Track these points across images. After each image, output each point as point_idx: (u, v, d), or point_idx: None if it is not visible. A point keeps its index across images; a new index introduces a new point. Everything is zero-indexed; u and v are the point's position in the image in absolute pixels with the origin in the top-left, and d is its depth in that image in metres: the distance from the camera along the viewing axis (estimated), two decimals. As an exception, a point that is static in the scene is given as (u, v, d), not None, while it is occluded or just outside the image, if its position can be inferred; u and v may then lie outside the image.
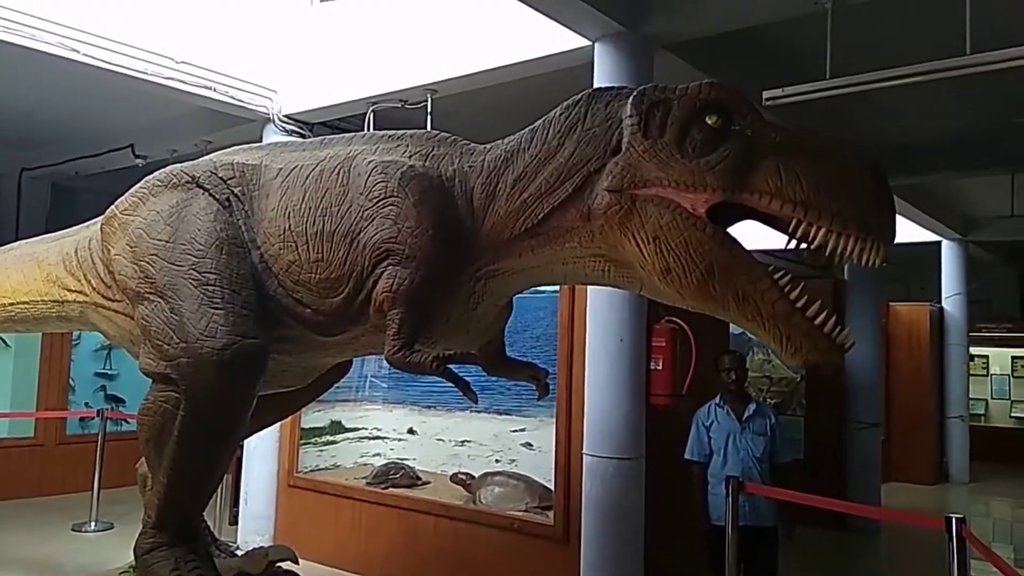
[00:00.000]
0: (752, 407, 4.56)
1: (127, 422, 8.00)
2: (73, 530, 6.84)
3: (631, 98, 2.42)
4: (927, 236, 11.58)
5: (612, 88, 2.57)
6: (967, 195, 10.35)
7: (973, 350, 13.58)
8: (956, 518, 3.37)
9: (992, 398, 14.78)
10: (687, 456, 4.60)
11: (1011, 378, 14.68)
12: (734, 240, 2.29)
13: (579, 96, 2.59)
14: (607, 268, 2.57)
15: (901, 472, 10.80)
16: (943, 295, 11.88)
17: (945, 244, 11.83)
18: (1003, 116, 6.96)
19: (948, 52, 4.08)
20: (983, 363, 14.77)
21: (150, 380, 3.13)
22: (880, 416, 8.89)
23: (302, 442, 6.34)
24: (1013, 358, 14.67)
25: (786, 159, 2.21)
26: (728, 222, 2.36)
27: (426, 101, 5.98)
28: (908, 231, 11.20)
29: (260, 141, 6.21)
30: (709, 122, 2.27)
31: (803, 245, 2.26)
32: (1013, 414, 14.48)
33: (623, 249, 2.42)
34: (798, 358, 2.26)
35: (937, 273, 12.04)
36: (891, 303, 11.36)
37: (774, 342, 2.28)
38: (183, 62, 6.01)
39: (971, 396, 12.98)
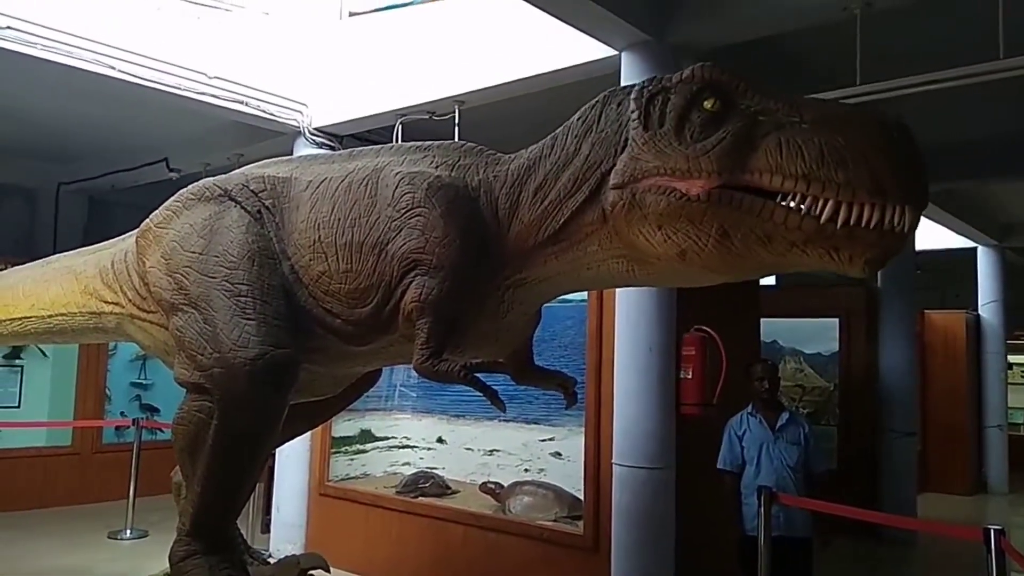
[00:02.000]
0: (785, 416, 4.52)
1: (162, 431, 8.13)
2: (109, 538, 6.96)
3: (631, 93, 2.40)
4: (962, 242, 11.40)
5: (625, 88, 2.52)
6: (1003, 200, 10.16)
7: (1012, 358, 13.30)
8: (995, 529, 3.31)
9: (1031, 407, 14.45)
10: (719, 466, 4.56)
11: (1051, 387, 14.36)
12: (732, 192, 2.14)
13: (595, 99, 2.58)
14: (631, 267, 2.54)
15: (938, 482, 10.58)
16: (979, 302, 11.65)
17: (981, 250, 11.61)
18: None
19: (980, 56, 4.02)
20: (1021, 372, 14.45)
21: (184, 390, 3.18)
22: (915, 425, 8.74)
23: (333, 451, 6.39)
24: (1053, 366, 14.38)
25: (789, 132, 2.06)
26: None
27: (454, 112, 6.02)
28: (943, 237, 11.04)
29: (291, 154, 6.31)
30: (707, 106, 2.18)
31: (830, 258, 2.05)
32: (1053, 423, 14.16)
33: (637, 244, 2.37)
34: (858, 264, 2.05)
35: (973, 280, 11.82)
36: (926, 311, 11.18)
37: (826, 262, 2.10)
38: (216, 77, 6.12)
39: (1010, 405, 12.71)
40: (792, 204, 2.05)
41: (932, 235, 10.68)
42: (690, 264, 2.31)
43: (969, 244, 11.50)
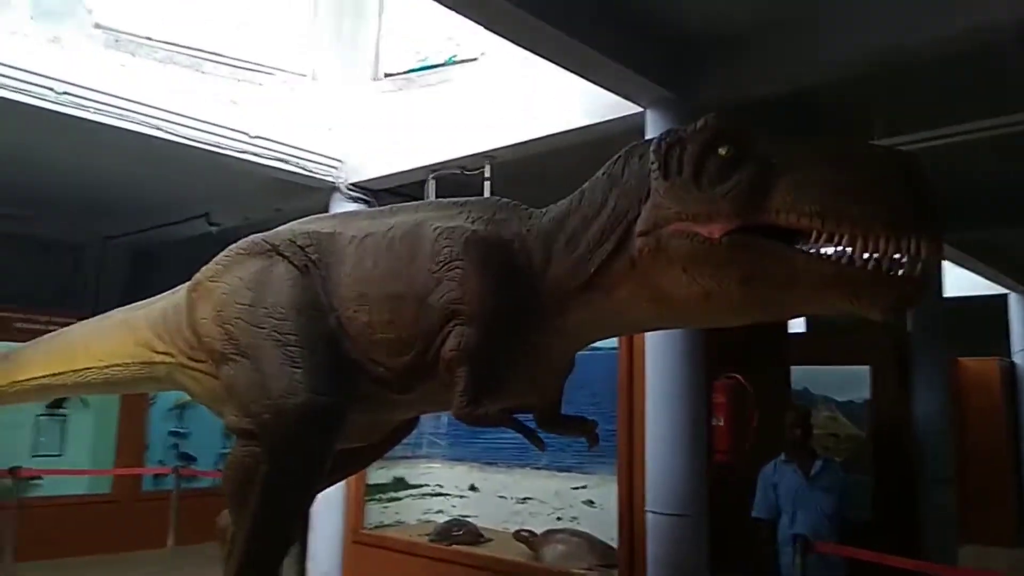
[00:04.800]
0: (819, 463, 4.54)
1: (198, 479, 8.27)
2: (148, 585, 7.06)
3: (652, 146, 2.50)
4: (994, 289, 11.33)
5: (646, 141, 2.63)
6: (1034, 247, 10.12)
7: (1051, 406, 13.03)
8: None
9: (1075, 456, 14.06)
10: (754, 514, 4.58)
11: (1093, 435, 13.97)
12: (755, 238, 2.18)
13: (618, 154, 2.71)
14: (660, 311, 2.62)
15: (979, 533, 10.32)
16: (1012, 349, 11.52)
17: (1013, 297, 11.52)
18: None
19: (997, 110, 4.13)
20: (1061, 419, 14.11)
21: (228, 437, 3.31)
22: (953, 472, 8.60)
23: (367, 498, 6.46)
24: (1094, 414, 14.00)
25: (803, 172, 2.10)
26: None
27: (484, 168, 6.22)
28: (974, 284, 10.98)
29: (327, 209, 6.55)
30: (722, 152, 2.26)
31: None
32: (1098, 473, 13.74)
33: (664, 287, 2.45)
34: (878, 308, 2.06)
35: (1005, 326, 11.70)
36: (960, 358, 11.07)
37: (847, 305, 2.12)
38: (257, 136, 6.40)
39: (1049, 454, 12.43)
40: (812, 247, 2.10)
41: (963, 282, 10.64)
42: (715, 305, 2.39)
43: (999, 290, 11.41)
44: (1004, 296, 11.55)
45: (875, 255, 2.00)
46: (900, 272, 2.00)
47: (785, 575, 4.34)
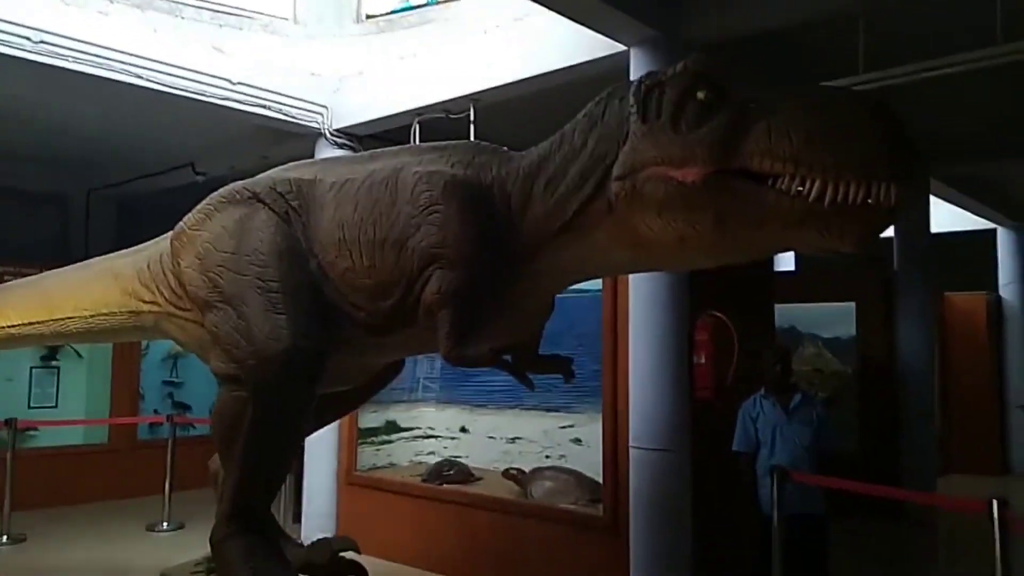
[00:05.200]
0: (798, 397, 4.63)
1: (194, 427, 8.40)
2: (147, 531, 7.21)
3: (631, 88, 2.52)
4: (981, 224, 11.38)
5: (627, 84, 2.64)
6: (1019, 181, 10.13)
7: (1036, 339, 13.23)
8: (998, 501, 3.41)
9: (1057, 388, 14.34)
10: (735, 448, 4.68)
11: (1077, 367, 14.22)
12: (728, 178, 2.23)
13: (600, 96, 2.71)
14: (637, 254, 2.67)
15: (962, 464, 10.61)
16: (1000, 283, 11.63)
17: (1000, 231, 11.58)
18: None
19: (981, 42, 4.11)
20: (1046, 352, 14.33)
21: (218, 383, 3.38)
22: (934, 406, 8.79)
23: (360, 442, 6.59)
24: (1078, 346, 14.21)
25: (779, 118, 2.13)
26: None
27: (469, 110, 6.17)
28: (961, 219, 11.03)
29: (313, 155, 6.51)
30: (700, 97, 2.28)
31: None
32: (1080, 404, 14.03)
33: (640, 231, 2.49)
34: (848, 241, 2.13)
35: (993, 261, 11.79)
36: (947, 293, 11.19)
37: (819, 240, 2.18)
38: (239, 83, 6.32)
39: (1035, 385, 12.67)
40: (783, 186, 2.14)
41: (950, 217, 10.68)
42: (690, 248, 2.45)
43: (989, 225, 11.47)
44: (992, 231, 11.61)
45: (846, 196, 2.04)
46: (869, 205, 2.04)
47: (764, 505, 4.47)
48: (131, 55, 5.81)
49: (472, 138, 5.83)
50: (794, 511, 4.31)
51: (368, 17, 6.72)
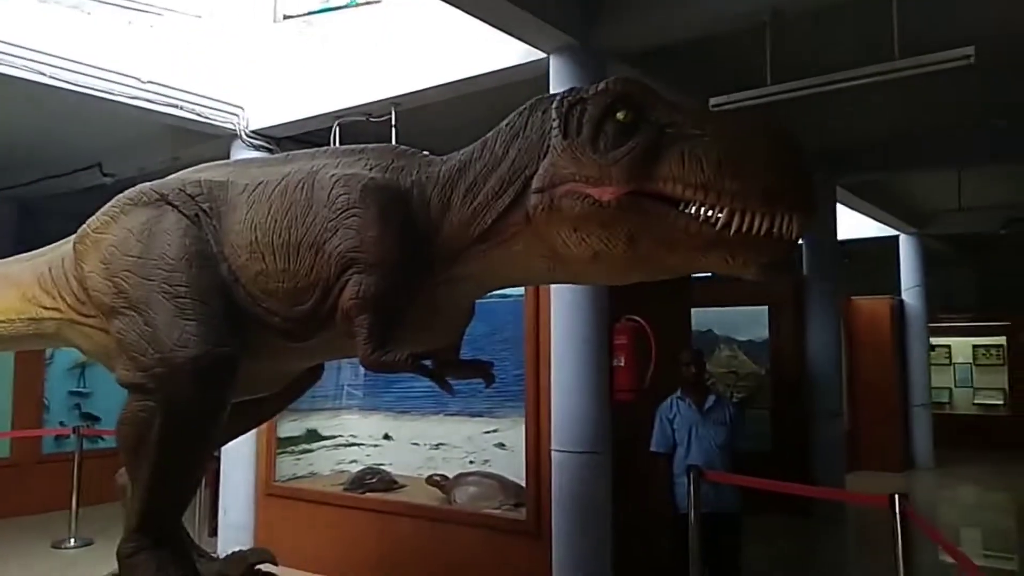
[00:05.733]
0: (712, 398, 4.77)
1: (103, 439, 8.06)
2: (53, 547, 6.89)
3: (553, 103, 2.54)
4: (885, 231, 11.95)
5: (552, 96, 2.65)
6: (919, 191, 10.71)
7: (936, 340, 13.98)
8: (899, 496, 3.58)
9: (956, 387, 15.17)
10: (652, 448, 4.78)
11: (973, 367, 15.09)
12: (642, 199, 2.28)
13: (523, 106, 2.73)
14: (553, 265, 2.68)
15: (869, 461, 11.11)
16: (903, 287, 12.23)
17: (902, 238, 12.20)
18: (941, 115, 7.27)
19: (880, 57, 4.33)
20: (946, 353, 15.17)
21: (126, 391, 3.24)
22: (842, 406, 9.17)
23: (279, 451, 6.44)
24: (974, 347, 15.08)
25: (692, 144, 2.21)
26: None
27: (390, 114, 6.13)
28: (866, 226, 11.57)
29: (228, 157, 6.35)
30: (619, 117, 2.33)
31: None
32: (976, 401, 14.89)
33: (556, 245, 2.52)
34: (751, 268, 2.21)
35: (896, 267, 12.39)
36: (853, 297, 11.70)
37: (724, 267, 2.25)
38: (149, 81, 6.11)
39: (936, 385, 13.37)
40: (693, 212, 2.21)
41: (857, 225, 11.19)
42: (603, 264, 2.48)
43: (891, 232, 12.05)
44: (895, 237, 12.20)
45: (751, 225, 2.13)
46: (772, 233, 2.13)
47: (680, 504, 4.58)
48: (34, 51, 5.56)
49: (394, 142, 5.80)
50: (709, 509, 4.44)
51: (286, 17, 6.59)
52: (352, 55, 6.23)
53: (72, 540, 6.92)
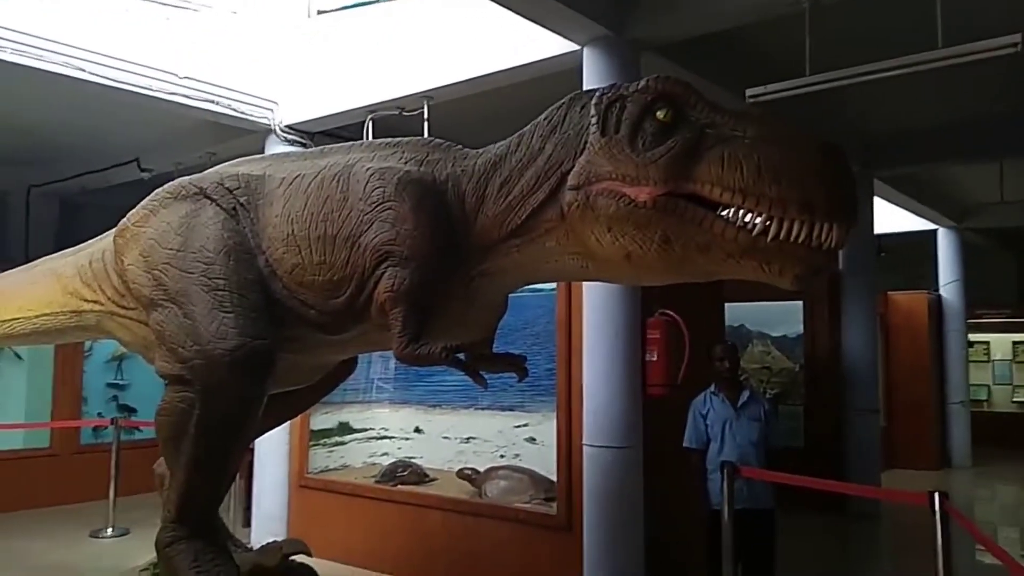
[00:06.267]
0: (746, 394, 4.71)
1: (140, 430, 8.19)
2: (91, 536, 7.00)
3: (592, 99, 2.53)
4: (923, 224, 11.73)
5: (592, 91, 2.65)
6: (959, 183, 10.49)
7: (974, 336, 13.70)
8: (939, 493, 3.52)
9: (994, 384, 14.86)
10: (685, 444, 4.74)
11: (1012, 363, 14.77)
12: (678, 201, 2.28)
13: (562, 100, 2.72)
14: (585, 264, 2.68)
15: (904, 458, 10.92)
16: (940, 282, 12.00)
17: (941, 232, 11.96)
18: (984, 105, 7.10)
19: (922, 45, 4.23)
20: (984, 349, 14.86)
21: (165, 383, 3.30)
22: (878, 403, 9.03)
23: (312, 444, 6.50)
24: (1014, 343, 14.76)
25: (732, 147, 2.19)
26: None
27: (423, 108, 6.14)
28: (903, 220, 11.35)
29: (263, 151, 6.40)
30: (659, 116, 2.32)
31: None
32: (1015, 399, 14.58)
33: (589, 243, 2.52)
34: (787, 277, 2.19)
35: (934, 261, 12.16)
36: (889, 292, 11.50)
37: (758, 274, 2.24)
38: (186, 77, 6.18)
39: (974, 382, 13.10)
40: (730, 216, 2.20)
41: (894, 218, 10.99)
42: (635, 266, 2.47)
43: (930, 226, 11.82)
44: (933, 231, 11.97)
45: (789, 233, 2.10)
46: (811, 242, 2.10)
47: (713, 500, 4.53)
48: (73, 47, 5.65)
49: (426, 135, 5.80)
50: (743, 505, 4.39)
51: (320, 12, 6.62)
52: (385, 49, 6.23)
53: (110, 529, 7.03)
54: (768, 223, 2.13)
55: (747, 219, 2.16)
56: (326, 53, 6.60)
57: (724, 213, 2.21)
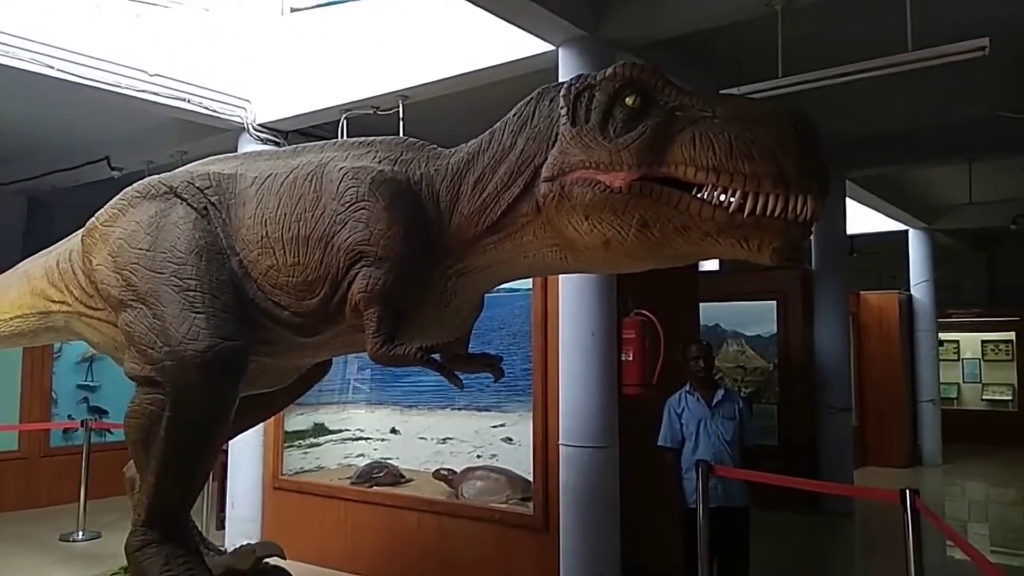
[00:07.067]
0: (720, 393, 4.73)
1: (111, 432, 8.08)
2: (61, 540, 6.90)
3: (561, 90, 2.53)
4: (894, 226, 11.88)
5: (558, 84, 2.66)
6: (930, 185, 10.63)
7: (944, 335, 13.89)
8: (911, 491, 3.56)
9: (964, 382, 15.08)
10: (660, 443, 4.75)
11: (981, 362, 15.00)
12: (653, 185, 2.28)
13: (530, 96, 2.71)
14: (564, 256, 2.67)
15: (876, 456, 11.07)
16: (911, 283, 12.16)
17: (912, 233, 12.12)
18: (953, 107, 7.20)
19: (893, 49, 4.28)
20: (954, 348, 15.07)
21: (135, 384, 3.24)
22: (850, 401, 9.13)
23: (286, 445, 6.45)
24: (983, 342, 14.98)
25: (703, 127, 2.19)
26: None
27: (398, 107, 6.11)
28: (875, 221, 11.50)
29: (235, 150, 6.33)
30: (628, 102, 2.31)
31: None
32: (984, 397, 14.81)
33: (567, 234, 2.51)
34: (765, 252, 2.19)
35: (905, 261, 12.32)
36: (861, 292, 11.64)
37: (738, 251, 2.25)
38: (157, 75, 6.10)
39: (944, 380, 13.28)
40: (705, 195, 2.20)
41: (866, 219, 11.12)
42: (614, 252, 2.46)
43: (901, 227, 11.98)
44: (904, 232, 12.13)
45: (765, 207, 2.11)
46: (787, 216, 2.11)
47: (688, 499, 4.55)
48: (41, 43, 5.55)
49: (401, 135, 5.77)
50: (718, 504, 4.42)
51: (293, 10, 6.57)
52: (359, 48, 6.20)
53: (80, 533, 6.93)
54: (744, 199, 2.13)
55: (722, 197, 2.17)
56: (300, 51, 6.55)
57: (700, 193, 2.21)
